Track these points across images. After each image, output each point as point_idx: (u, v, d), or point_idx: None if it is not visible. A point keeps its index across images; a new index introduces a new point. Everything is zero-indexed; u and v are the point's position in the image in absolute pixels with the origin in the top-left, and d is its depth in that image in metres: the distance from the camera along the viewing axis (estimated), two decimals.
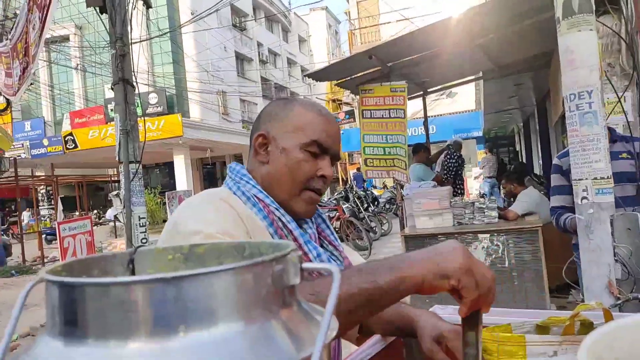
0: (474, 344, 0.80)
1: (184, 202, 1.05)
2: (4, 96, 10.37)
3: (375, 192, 15.17)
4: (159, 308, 0.31)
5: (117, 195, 4.79)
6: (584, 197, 1.65)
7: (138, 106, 4.54)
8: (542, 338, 0.93)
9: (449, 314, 1.35)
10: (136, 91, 4.47)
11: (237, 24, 27.95)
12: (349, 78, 5.10)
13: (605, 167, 1.66)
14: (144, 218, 4.66)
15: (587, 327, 0.91)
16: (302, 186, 1.05)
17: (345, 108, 22.98)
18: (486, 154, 13.85)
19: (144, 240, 4.51)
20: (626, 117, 2.80)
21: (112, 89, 4.43)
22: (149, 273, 0.45)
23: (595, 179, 1.63)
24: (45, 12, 4.72)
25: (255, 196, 1.04)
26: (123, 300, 0.31)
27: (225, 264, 0.35)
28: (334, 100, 23.77)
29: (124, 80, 4.33)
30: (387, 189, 17.26)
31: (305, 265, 0.37)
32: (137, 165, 4.44)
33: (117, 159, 4.43)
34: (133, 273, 0.44)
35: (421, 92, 6.26)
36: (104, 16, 4.42)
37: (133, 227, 4.55)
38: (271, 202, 1.03)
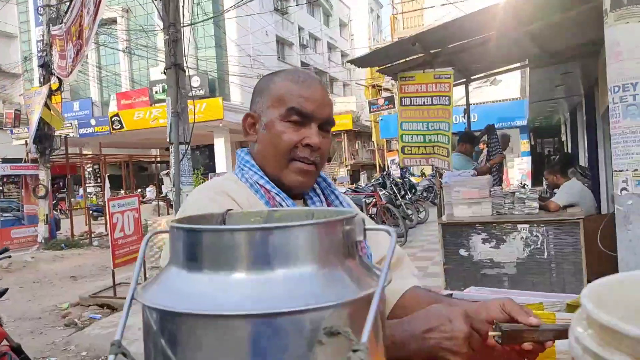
0: None
1: (191, 193, 1.12)
2: (57, 77, 10.88)
3: (413, 180, 15.10)
4: (259, 249, 0.42)
5: (167, 174, 5.00)
6: (623, 189, 1.67)
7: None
8: (572, 315, 0.99)
9: (486, 293, 1.41)
10: (186, 74, 4.66)
11: (279, 8, 28.06)
12: (390, 64, 5.10)
13: None
14: None
15: None
16: (288, 157, 1.04)
17: (385, 94, 22.79)
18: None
19: None
20: None
21: (164, 72, 4.62)
22: None
23: (636, 170, 1.64)
24: None
25: (257, 183, 1.05)
26: (232, 242, 0.42)
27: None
28: (373, 86, 23.59)
29: (176, 65, 4.52)
30: (425, 177, 17.14)
31: (367, 226, 0.46)
32: (187, 146, 4.64)
33: (167, 140, 4.63)
34: None
35: (464, 80, 6.18)
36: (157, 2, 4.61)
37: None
38: (272, 188, 1.04)
